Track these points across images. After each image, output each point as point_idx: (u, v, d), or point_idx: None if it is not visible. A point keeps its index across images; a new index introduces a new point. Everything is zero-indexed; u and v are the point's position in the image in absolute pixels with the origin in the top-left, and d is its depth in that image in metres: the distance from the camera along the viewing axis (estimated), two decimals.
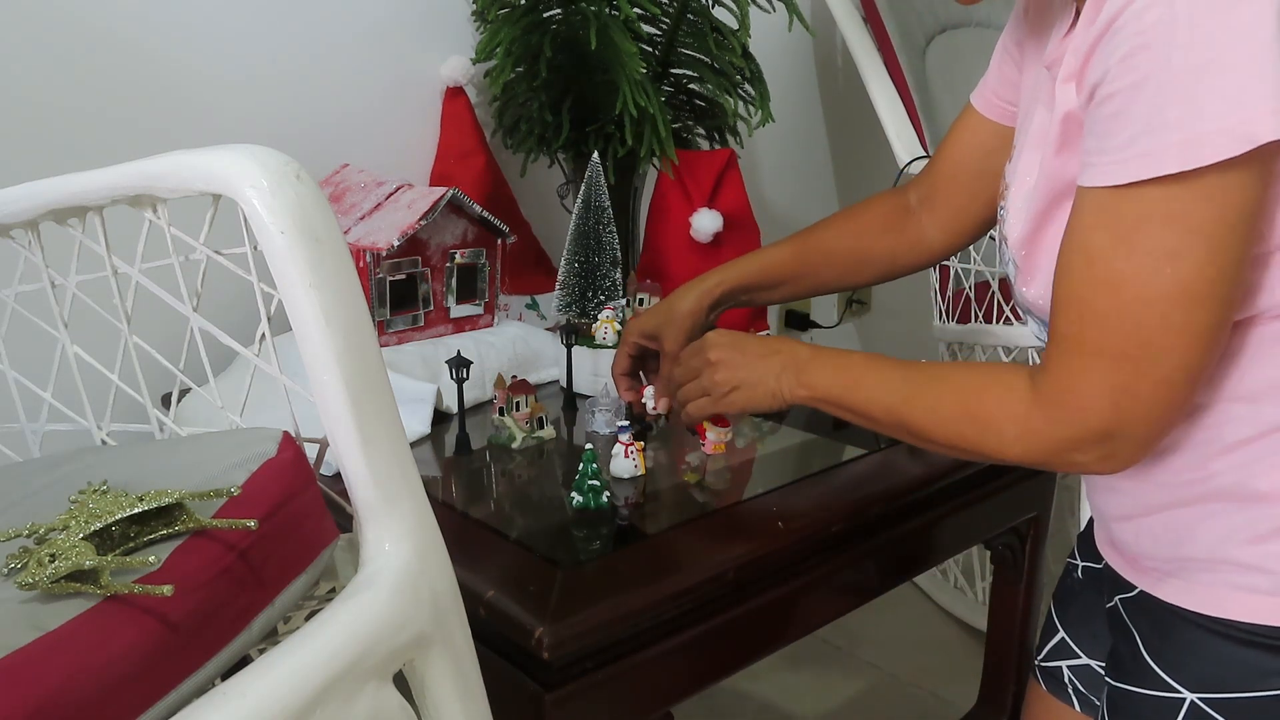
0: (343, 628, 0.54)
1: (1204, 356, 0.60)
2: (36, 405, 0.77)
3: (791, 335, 2.09)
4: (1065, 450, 0.64)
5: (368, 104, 1.40)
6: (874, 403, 0.77)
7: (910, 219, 0.99)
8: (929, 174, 0.98)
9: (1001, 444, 0.68)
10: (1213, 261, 0.57)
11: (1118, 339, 0.60)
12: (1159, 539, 0.69)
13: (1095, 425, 0.62)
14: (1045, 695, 0.91)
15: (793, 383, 0.83)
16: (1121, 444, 0.62)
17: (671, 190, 1.39)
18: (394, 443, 0.60)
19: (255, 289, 0.61)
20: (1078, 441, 0.63)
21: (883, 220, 1.01)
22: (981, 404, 0.69)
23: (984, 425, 0.68)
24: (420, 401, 1.09)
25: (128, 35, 1.18)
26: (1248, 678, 0.64)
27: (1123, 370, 0.60)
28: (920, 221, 0.99)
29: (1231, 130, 0.54)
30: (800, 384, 0.83)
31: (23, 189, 0.68)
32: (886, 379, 0.77)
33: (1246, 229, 0.57)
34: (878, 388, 0.77)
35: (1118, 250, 0.59)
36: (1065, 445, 0.64)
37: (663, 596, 0.77)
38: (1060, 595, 0.92)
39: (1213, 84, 0.54)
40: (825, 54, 2.03)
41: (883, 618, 1.86)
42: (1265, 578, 0.63)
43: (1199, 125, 0.54)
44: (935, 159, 0.97)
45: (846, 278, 1.03)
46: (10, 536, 0.52)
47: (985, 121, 0.90)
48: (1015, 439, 0.67)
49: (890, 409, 0.76)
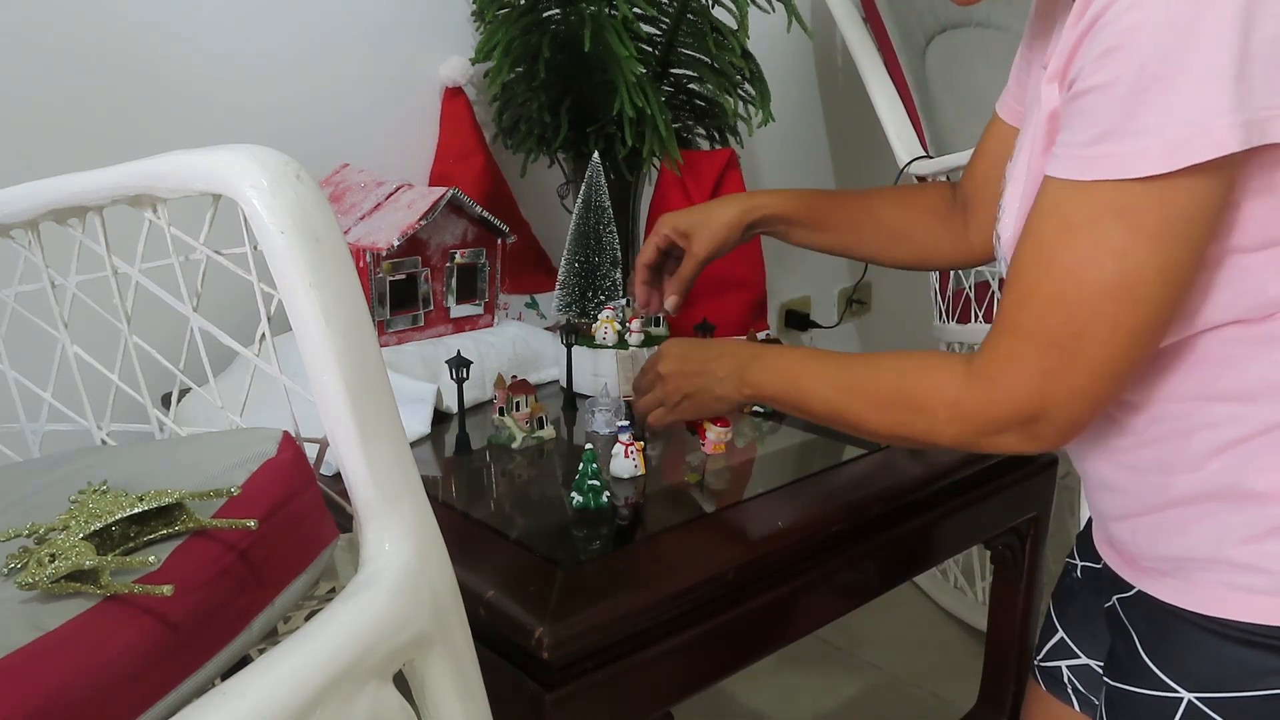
0: (343, 628, 0.54)
1: (1132, 353, 0.62)
2: (36, 405, 0.77)
3: (791, 335, 2.09)
4: (992, 431, 0.66)
5: (368, 104, 1.40)
6: (813, 395, 0.78)
7: (956, 213, 1.00)
8: (965, 181, 0.98)
9: (934, 427, 0.69)
10: (1153, 263, 0.59)
11: (1051, 325, 0.62)
12: (1155, 538, 0.69)
13: (1021, 406, 0.64)
14: (1044, 695, 0.91)
15: (737, 384, 0.85)
16: (1044, 427, 0.64)
17: (672, 190, 1.39)
18: (394, 443, 0.60)
19: (255, 289, 0.61)
20: (1004, 422, 0.66)
21: (932, 203, 1.01)
22: (917, 388, 0.71)
23: (917, 410, 0.70)
24: (420, 401, 1.09)
25: (128, 35, 1.18)
26: (1245, 677, 0.64)
27: (1050, 356, 0.62)
28: (964, 220, 0.99)
29: (1188, 141, 0.56)
30: (745, 383, 0.84)
31: (23, 189, 0.68)
32: (824, 371, 0.78)
33: (1197, 235, 0.59)
34: (817, 380, 0.78)
35: (1064, 240, 0.61)
36: (992, 426, 0.66)
37: (663, 596, 0.77)
38: (1059, 595, 0.92)
39: (1177, 93, 0.55)
40: (825, 54, 2.03)
41: (883, 618, 1.86)
42: (1263, 577, 0.63)
43: (1161, 133, 0.56)
44: (969, 166, 0.98)
45: (886, 248, 1.03)
46: (10, 536, 0.52)
47: (1009, 129, 0.90)
48: (948, 420, 0.68)
49: (828, 400, 0.77)
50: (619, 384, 1.20)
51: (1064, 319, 0.62)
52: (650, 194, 1.46)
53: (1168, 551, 0.69)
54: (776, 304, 2.05)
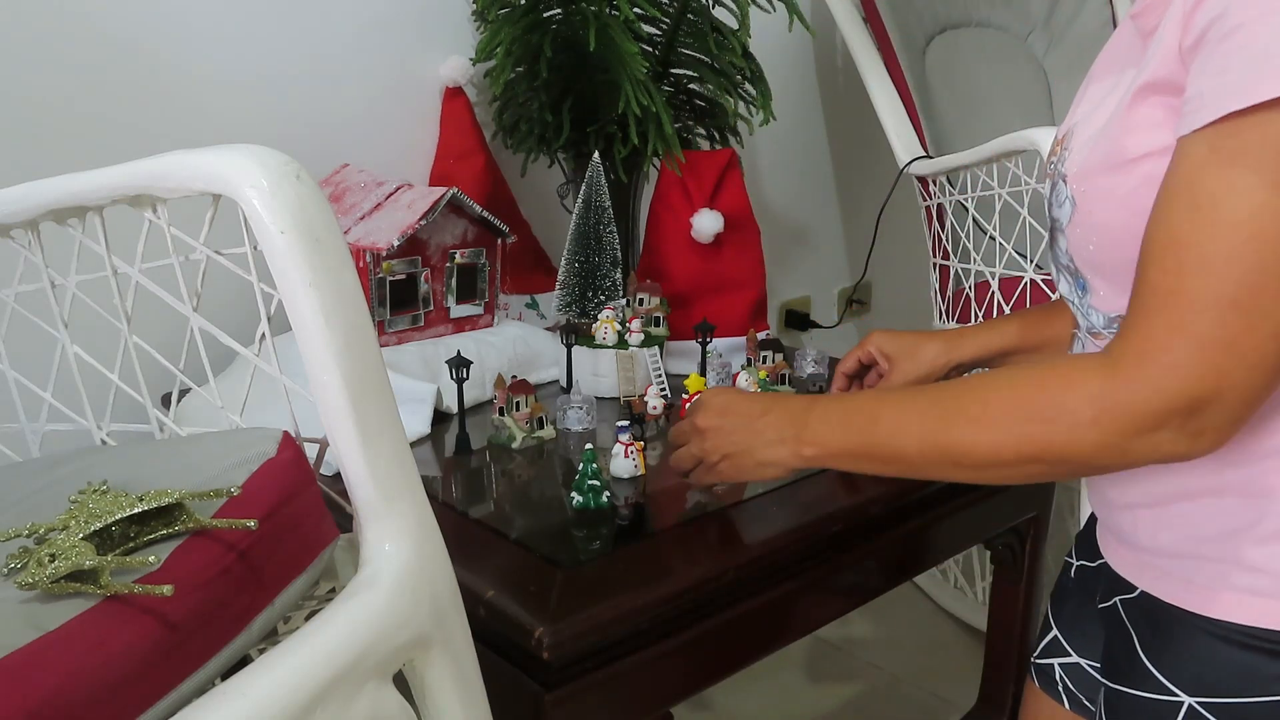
0: (343, 628, 0.54)
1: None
2: (36, 405, 0.77)
3: (791, 335, 2.09)
4: (1146, 429, 0.57)
5: (368, 104, 1.40)
6: (902, 436, 0.67)
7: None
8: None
9: (1072, 436, 0.59)
10: None
11: (1228, 286, 0.54)
12: (1160, 532, 0.68)
13: (1186, 390, 0.56)
14: (1039, 693, 0.91)
15: (794, 444, 0.74)
16: (1210, 417, 0.56)
17: (672, 190, 1.39)
18: (394, 443, 0.60)
19: (255, 289, 0.61)
20: (1162, 415, 0.56)
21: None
22: (1043, 392, 0.61)
23: (1048, 419, 0.60)
24: (420, 401, 1.09)
25: (128, 35, 1.18)
26: (1247, 682, 0.63)
27: (1229, 322, 0.54)
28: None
29: None
30: (804, 442, 0.73)
31: (23, 189, 0.68)
32: (907, 405, 0.68)
33: None
34: (900, 416, 0.67)
35: (1233, 186, 0.54)
36: (1147, 422, 0.57)
37: (663, 596, 0.77)
38: (1056, 593, 0.91)
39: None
40: (825, 54, 2.03)
41: (883, 618, 1.86)
42: (1268, 579, 0.63)
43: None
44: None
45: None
46: (10, 536, 0.52)
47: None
48: (1090, 422, 0.58)
49: (924, 438, 0.66)
50: (619, 384, 1.20)
51: (1241, 274, 0.53)
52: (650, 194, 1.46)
53: (1173, 546, 0.68)
54: (776, 304, 2.05)
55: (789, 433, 0.75)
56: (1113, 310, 0.69)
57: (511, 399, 1.06)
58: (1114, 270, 0.67)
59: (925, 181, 1.69)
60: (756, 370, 1.19)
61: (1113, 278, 0.68)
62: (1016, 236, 1.45)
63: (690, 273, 1.38)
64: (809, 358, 1.28)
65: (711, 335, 1.23)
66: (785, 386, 1.21)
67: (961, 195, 1.59)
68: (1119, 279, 0.67)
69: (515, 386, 1.07)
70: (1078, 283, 0.71)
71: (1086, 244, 0.68)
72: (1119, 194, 0.65)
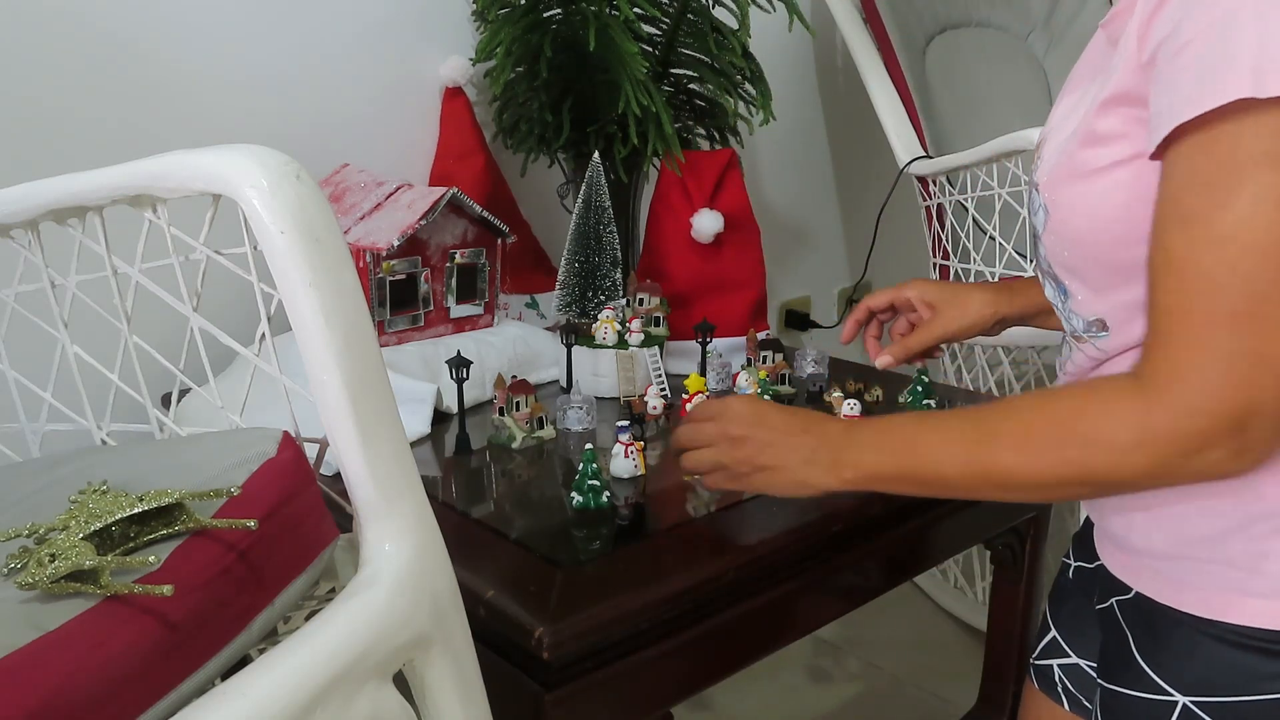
0: (343, 628, 0.54)
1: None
2: (36, 405, 0.77)
3: (791, 335, 2.09)
4: (1194, 450, 0.57)
5: (368, 104, 1.40)
6: (943, 459, 0.67)
7: None
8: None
9: (1117, 458, 0.59)
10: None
11: (1236, 298, 0.54)
12: (1153, 534, 0.69)
13: (1223, 408, 0.55)
14: (1038, 694, 0.91)
15: (831, 466, 0.74)
16: (1258, 427, 0.56)
17: (672, 190, 1.39)
18: (394, 443, 0.60)
19: (255, 289, 0.61)
20: (1209, 435, 0.56)
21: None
22: (1083, 418, 0.61)
23: (1092, 442, 0.60)
24: (420, 401, 1.09)
25: (127, 35, 1.18)
26: (1241, 681, 0.64)
27: (1243, 332, 0.54)
28: None
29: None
30: (843, 465, 0.73)
31: (23, 189, 0.68)
32: (948, 428, 0.68)
33: None
34: (941, 440, 0.67)
35: (1214, 199, 0.55)
36: (1194, 443, 0.57)
37: (662, 597, 0.77)
38: (1054, 594, 0.91)
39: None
40: (825, 54, 2.03)
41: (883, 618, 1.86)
42: (1261, 580, 0.63)
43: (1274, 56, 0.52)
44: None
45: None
46: (10, 536, 0.52)
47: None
48: (1135, 445, 0.58)
49: (967, 461, 0.66)
50: (619, 384, 1.20)
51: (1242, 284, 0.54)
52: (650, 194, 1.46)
53: (1166, 547, 0.68)
54: (776, 304, 2.05)
55: (826, 455, 0.74)
56: (1091, 314, 0.70)
57: (511, 399, 1.06)
58: (1089, 275, 0.68)
59: (925, 181, 1.69)
60: (756, 370, 1.19)
61: (1089, 282, 0.69)
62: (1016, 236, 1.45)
63: (690, 273, 1.38)
64: (809, 358, 1.28)
65: (711, 335, 1.23)
66: (785, 386, 1.21)
67: (961, 195, 1.59)
68: (1094, 283, 0.68)
69: (515, 386, 1.07)
70: (1059, 287, 0.72)
71: (1061, 250, 0.69)
72: (1086, 202, 0.66)
